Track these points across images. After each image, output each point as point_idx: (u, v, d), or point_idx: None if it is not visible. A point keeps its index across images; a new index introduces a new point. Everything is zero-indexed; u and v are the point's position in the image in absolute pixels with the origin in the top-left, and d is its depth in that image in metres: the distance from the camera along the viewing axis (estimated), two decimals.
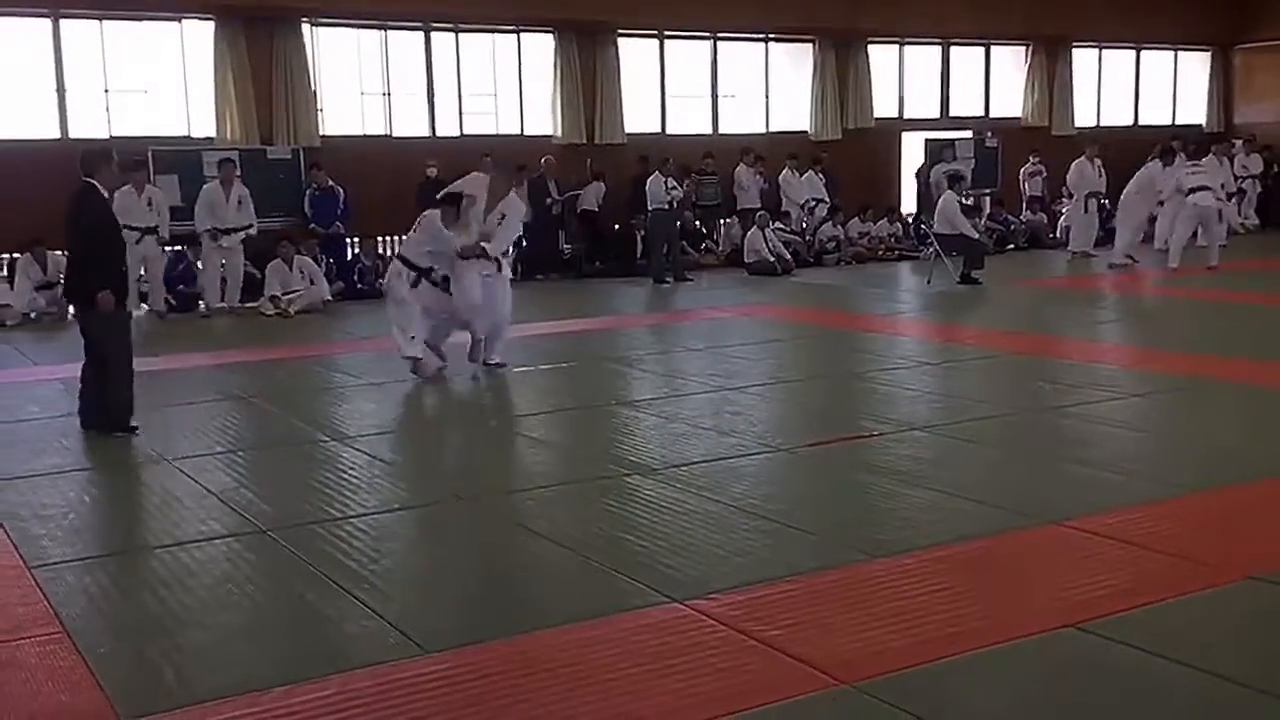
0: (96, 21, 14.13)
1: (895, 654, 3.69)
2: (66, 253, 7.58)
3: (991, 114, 20.42)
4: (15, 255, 12.82)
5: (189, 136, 14.63)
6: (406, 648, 3.84)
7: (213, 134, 14.57)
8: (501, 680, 3.57)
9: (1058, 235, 18.25)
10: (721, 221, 17.31)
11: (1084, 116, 21.04)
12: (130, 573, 4.63)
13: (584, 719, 3.34)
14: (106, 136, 14.02)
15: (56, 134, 13.93)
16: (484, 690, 3.51)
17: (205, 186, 12.97)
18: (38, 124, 13.83)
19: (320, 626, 4.10)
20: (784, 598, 4.18)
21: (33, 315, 12.61)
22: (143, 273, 12.66)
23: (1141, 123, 21.74)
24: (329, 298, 13.22)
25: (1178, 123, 21.71)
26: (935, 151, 17.94)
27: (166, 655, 3.83)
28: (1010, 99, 20.59)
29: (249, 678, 3.65)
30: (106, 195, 7.13)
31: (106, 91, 14.24)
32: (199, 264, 13.34)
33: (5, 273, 12.97)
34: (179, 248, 13.40)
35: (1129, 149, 19.35)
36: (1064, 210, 18.00)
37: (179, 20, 14.55)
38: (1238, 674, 3.52)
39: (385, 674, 3.64)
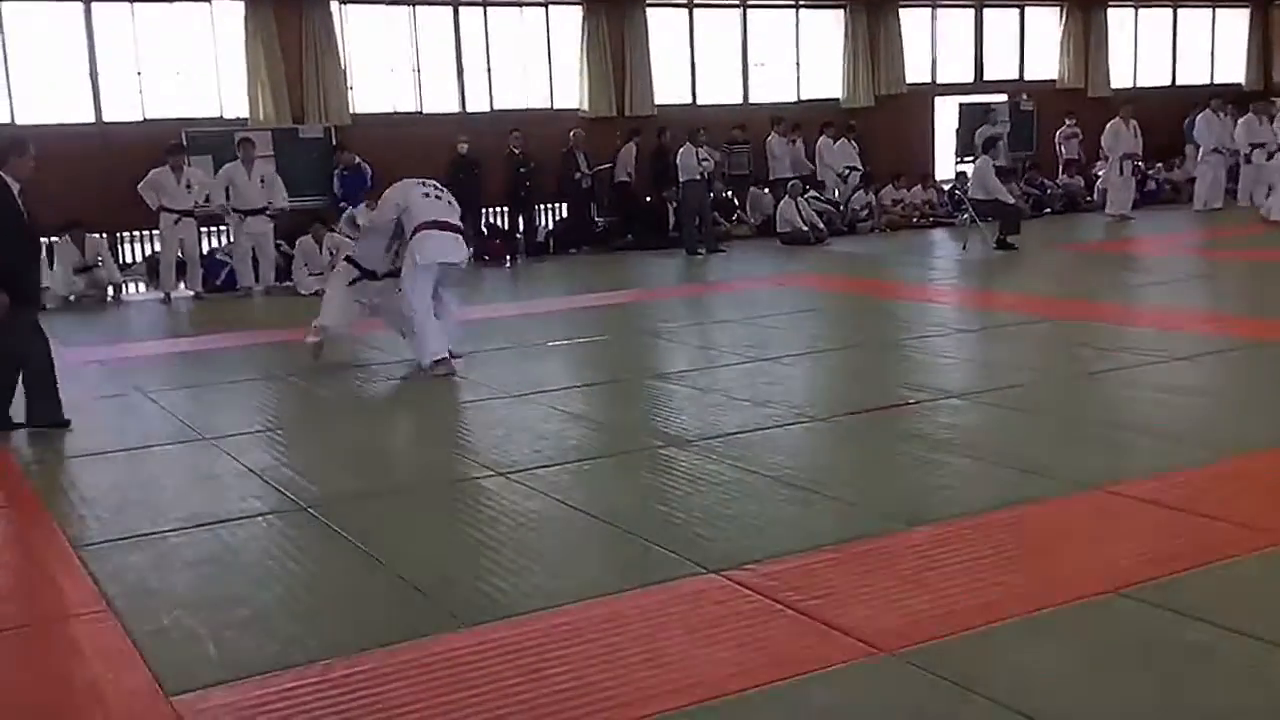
0: (128, 4, 14.21)
1: (934, 622, 3.67)
2: None
3: (1026, 77, 20.15)
4: (53, 239, 12.94)
5: (222, 117, 14.72)
6: (446, 621, 3.86)
7: (245, 114, 14.65)
8: (544, 652, 3.58)
9: (1094, 198, 18.04)
10: (750, 190, 17.23)
11: (1120, 77, 20.73)
12: (173, 551, 4.69)
13: (630, 689, 3.35)
14: (140, 119, 14.16)
15: (91, 118, 14.05)
16: (527, 662, 3.53)
17: (225, 166, 13.01)
18: (72, 108, 13.95)
19: (360, 601, 4.14)
20: (821, 567, 4.17)
21: (71, 298, 12.76)
22: (180, 254, 12.80)
23: (1179, 83, 21.40)
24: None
25: (1216, 82, 21.34)
26: (970, 116, 17.74)
27: (210, 632, 3.87)
28: (1045, 61, 20.31)
29: (290, 652, 3.68)
30: (17, 189, 6.58)
31: (139, 74, 14.34)
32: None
33: (43, 256, 13.10)
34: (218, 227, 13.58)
35: (1167, 109, 19.11)
36: (1100, 173, 17.78)
37: (209, 1, 14.60)
38: None
39: (425, 647, 3.66)
